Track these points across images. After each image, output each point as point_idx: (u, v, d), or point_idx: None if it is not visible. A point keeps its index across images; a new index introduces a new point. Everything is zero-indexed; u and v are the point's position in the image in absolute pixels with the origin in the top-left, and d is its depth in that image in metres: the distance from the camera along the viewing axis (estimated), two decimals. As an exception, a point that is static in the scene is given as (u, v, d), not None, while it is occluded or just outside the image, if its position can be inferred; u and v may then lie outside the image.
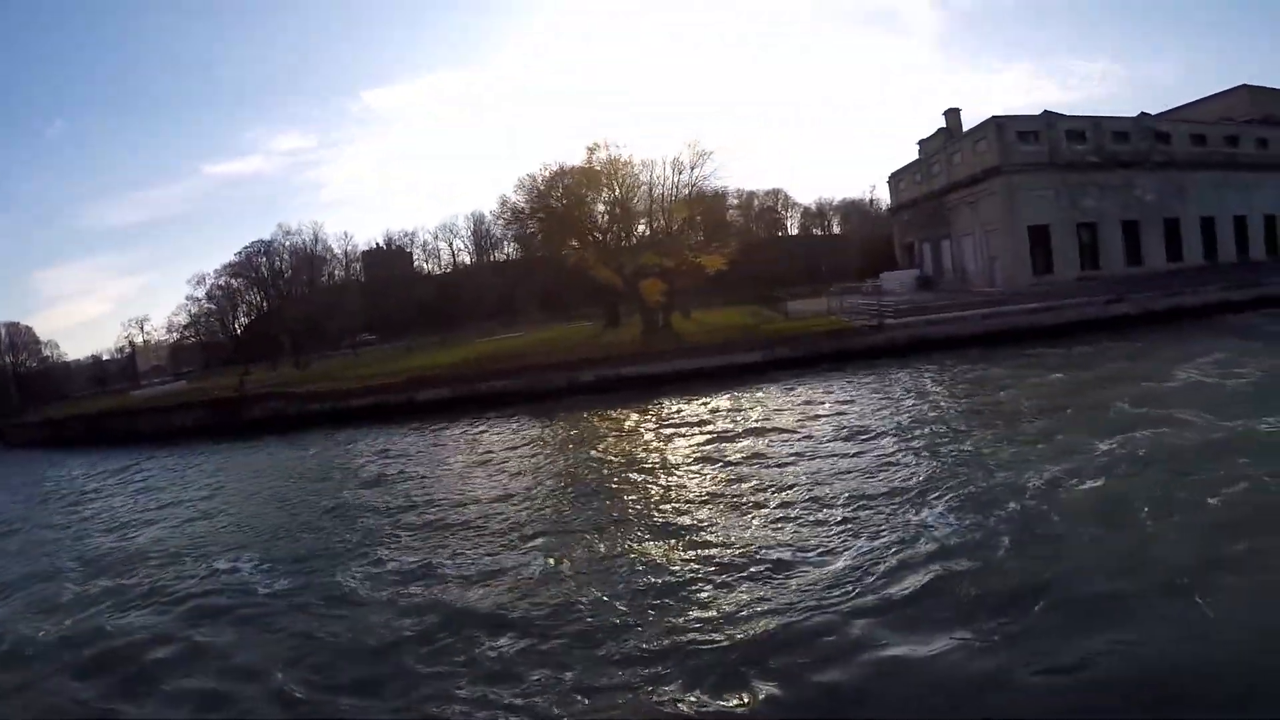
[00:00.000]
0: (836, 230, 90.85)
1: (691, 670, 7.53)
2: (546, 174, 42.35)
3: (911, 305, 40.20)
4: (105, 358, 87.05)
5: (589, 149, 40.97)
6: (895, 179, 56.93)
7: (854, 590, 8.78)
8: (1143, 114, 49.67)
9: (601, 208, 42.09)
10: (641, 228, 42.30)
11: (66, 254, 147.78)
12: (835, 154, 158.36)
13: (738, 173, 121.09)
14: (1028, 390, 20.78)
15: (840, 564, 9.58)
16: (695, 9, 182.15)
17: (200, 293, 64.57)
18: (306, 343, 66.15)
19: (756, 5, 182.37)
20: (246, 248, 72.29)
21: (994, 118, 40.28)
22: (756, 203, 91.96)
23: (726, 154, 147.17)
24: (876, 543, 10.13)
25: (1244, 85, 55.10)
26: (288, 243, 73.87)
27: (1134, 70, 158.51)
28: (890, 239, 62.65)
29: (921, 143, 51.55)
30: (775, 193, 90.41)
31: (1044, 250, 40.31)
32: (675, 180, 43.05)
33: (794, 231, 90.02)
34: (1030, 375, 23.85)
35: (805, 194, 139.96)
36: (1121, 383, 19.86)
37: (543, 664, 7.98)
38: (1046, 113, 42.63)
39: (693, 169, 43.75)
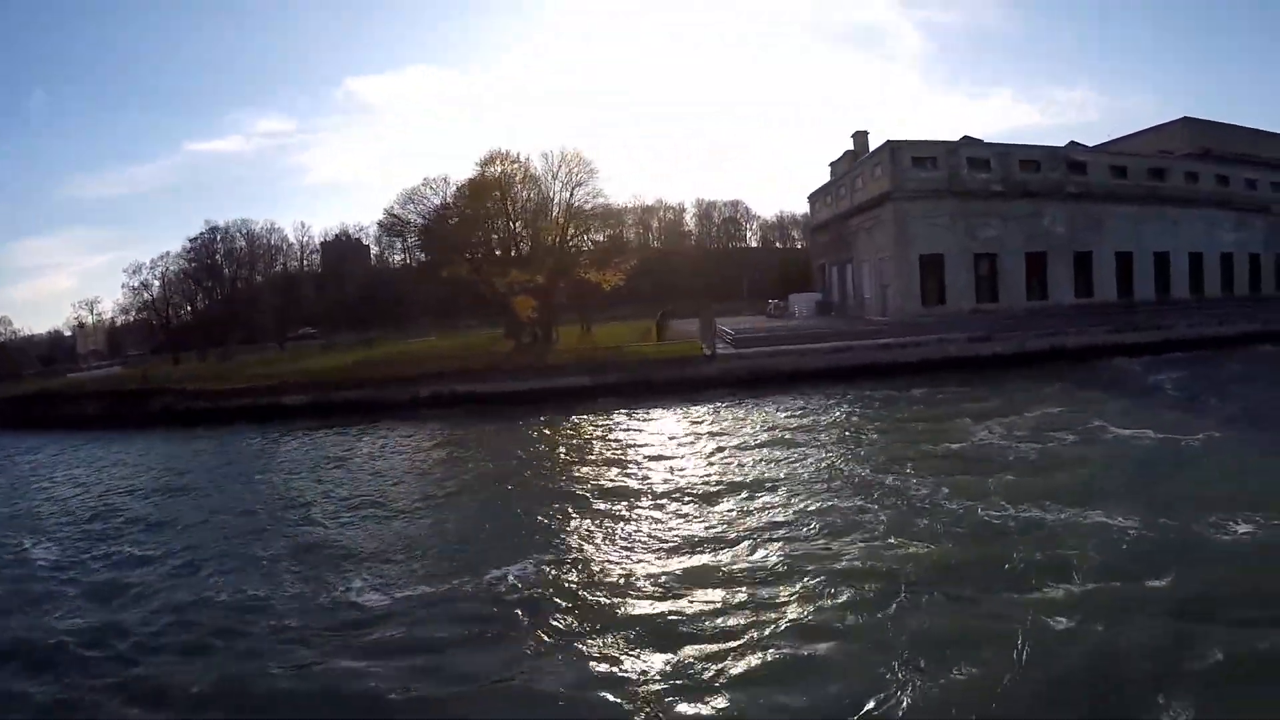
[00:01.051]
0: (799, 245, 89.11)
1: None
2: (434, 188, 41.68)
3: (789, 331, 38.85)
4: (68, 333, 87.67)
5: (482, 163, 40.21)
6: (813, 199, 55.26)
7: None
8: (1072, 143, 47.80)
9: (491, 222, 41.12)
10: (525, 244, 41.09)
11: (38, 226, 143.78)
12: (813, 168, 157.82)
13: (699, 183, 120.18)
14: (795, 434, 19.76)
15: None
16: (688, 13, 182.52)
17: (136, 281, 64.18)
18: (234, 335, 65.70)
19: (746, 17, 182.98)
20: (200, 234, 72.10)
21: (889, 142, 38.62)
22: (716, 214, 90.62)
23: (673, 163, 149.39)
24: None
25: (1183, 118, 52.83)
26: (244, 230, 73.64)
27: (1114, 99, 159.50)
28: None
29: (832, 164, 49.90)
30: (735, 204, 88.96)
31: (936, 281, 38.59)
32: (563, 196, 42.18)
33: (753, 244, 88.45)
34: (823, 416, 22.96)
35: (782, 206, 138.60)
36: (901, 435, 19.18)
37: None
38: (966, 139, 41.06)
39: (578, 186, 42.88)
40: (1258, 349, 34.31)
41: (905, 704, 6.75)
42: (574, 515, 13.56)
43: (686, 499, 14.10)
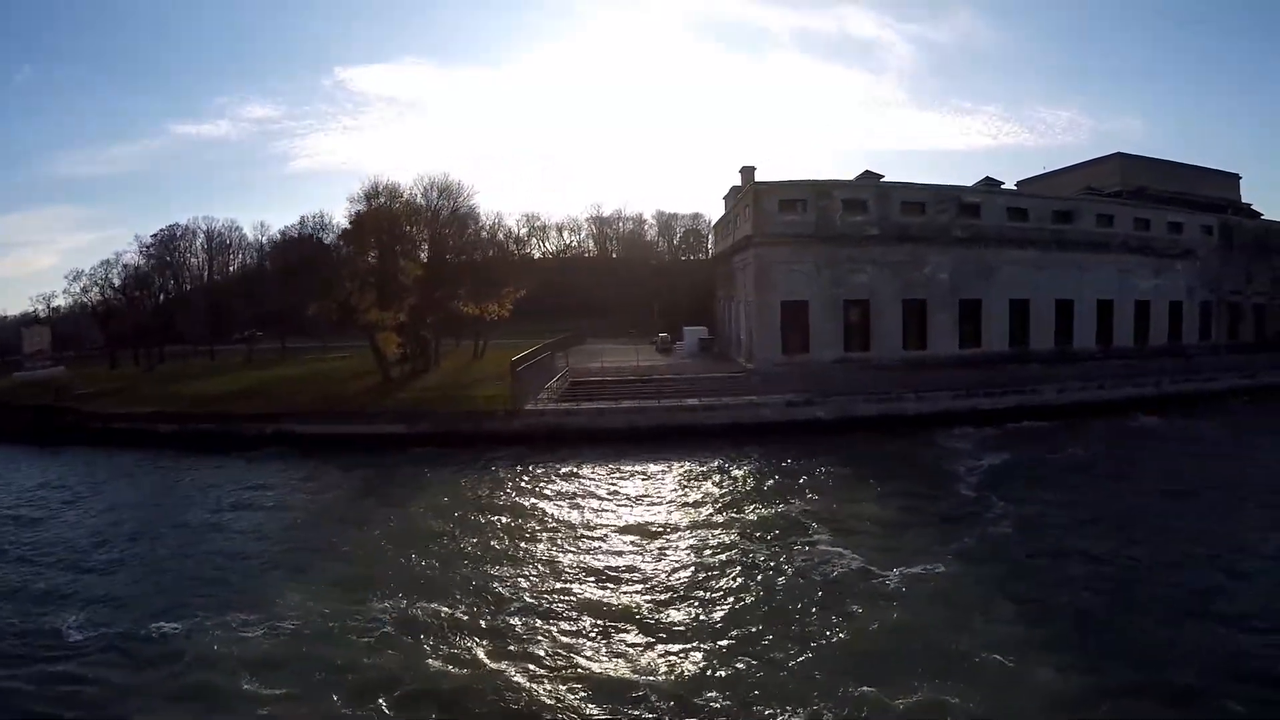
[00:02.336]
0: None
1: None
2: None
3: (643, 373, 37.43)
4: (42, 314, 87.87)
5: (364, 197, 39.74)
6: (715, 229, 53.38)
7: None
8: (987, 178, 45.44)
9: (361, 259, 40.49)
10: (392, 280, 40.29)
11: (16, 202, 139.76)
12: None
13: (658, 195, 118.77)
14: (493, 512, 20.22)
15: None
16: (675, 20, 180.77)
17: (77, 286, 64.25)
18: (163, 340, 65.78)
19: (739, 27, 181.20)
20: (160, 231, 71.79)
21: (753, 184, 36.74)
22: (678, 224, 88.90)
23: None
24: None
25: (1117, 153, 50.02)
26: (205, 227, 73.59)
27: (1101, 121, 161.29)
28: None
29: (725, 197, 47.98)
30: (695, 216, 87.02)
31: (800, 328, 36.74)
32: (434, 230, 41.47)
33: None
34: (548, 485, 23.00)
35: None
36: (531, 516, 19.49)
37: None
38: (857, 180, 39.09)
39: (454, 215, 42.06)
40: (1133, 419, 31.90)
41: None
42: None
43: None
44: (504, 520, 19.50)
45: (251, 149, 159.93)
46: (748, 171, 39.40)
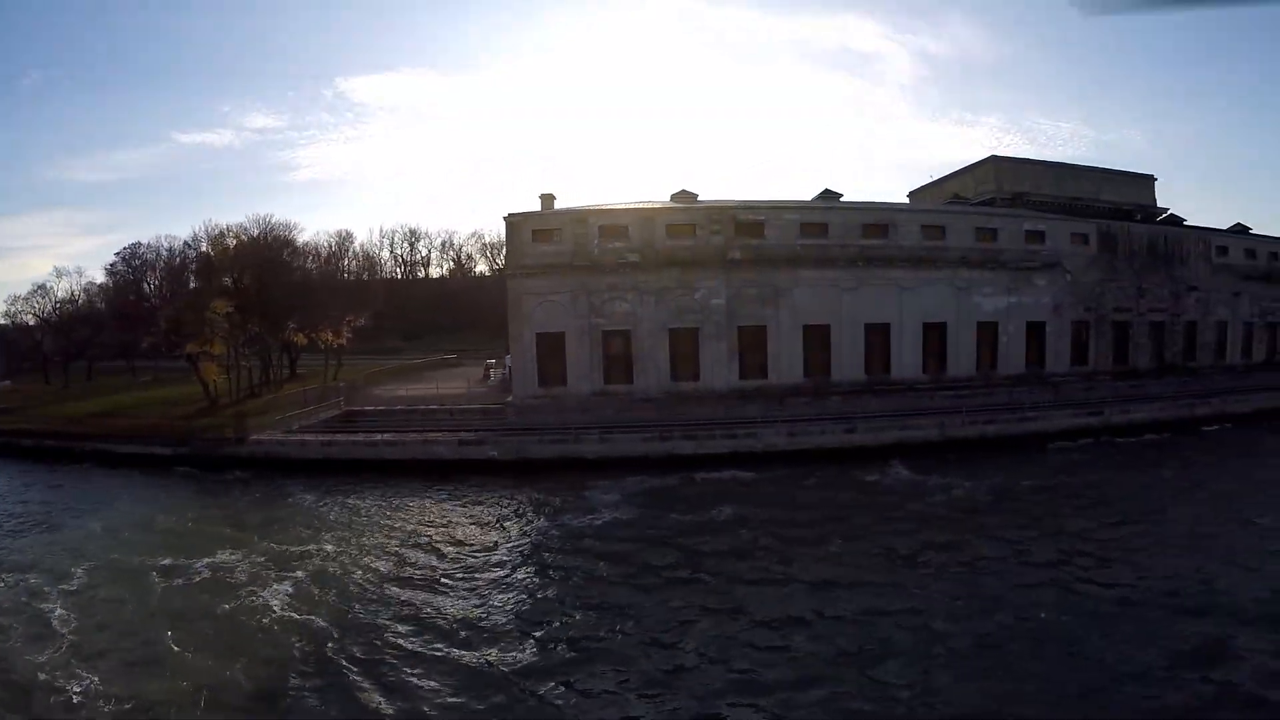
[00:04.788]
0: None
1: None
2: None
3: (404, 404, 37.48)
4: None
5: (214, 237, 42.69)
6: None
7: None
8: (825, 190, 42.22)
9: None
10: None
11: (25, 206, 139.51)
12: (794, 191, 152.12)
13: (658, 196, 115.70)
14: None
15: None
16: (676, 28, 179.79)
17: (36, 303, 64.41)
18: (73, 357, 64.99)
19: (739, 36, 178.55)
20: (124, 249, 75.07)
21: (507, 215, 35.81)
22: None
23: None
24: None
25: (991, 156, 45.05)
26: (166, 246, 78.48)
27: (1103, 133, 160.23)
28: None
29: None
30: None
31: (558, 360, 35.34)
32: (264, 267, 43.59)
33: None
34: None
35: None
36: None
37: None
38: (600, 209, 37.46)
39: (278, 252, 43.96)
40: (887, 469, 27.94)
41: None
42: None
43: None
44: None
45: (254, 158, 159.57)
46: (547, 198, 38.52)
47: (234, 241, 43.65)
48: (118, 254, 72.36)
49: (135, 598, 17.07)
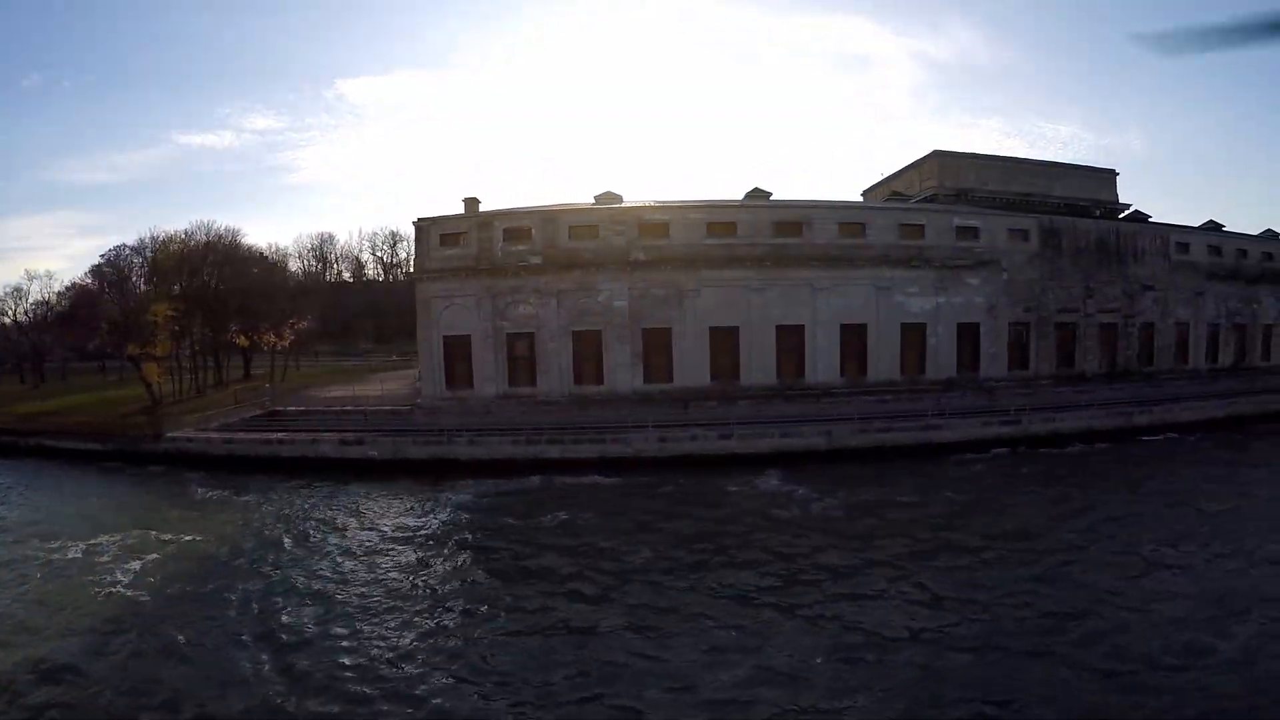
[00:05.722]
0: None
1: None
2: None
3: (324, 405, 38.60)
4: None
5: (159, 244, 45.37)
6: None
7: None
8: (755, 188, 41.22)
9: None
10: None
11: (26, 207, 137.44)
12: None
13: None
14: None
15: None
16: (673, 26, 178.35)
17: (10, 305, 65.28)
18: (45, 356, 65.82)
19: (740, 37, 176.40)
20: (110, 250, 73.79)
21: (416, 220, 36.49)
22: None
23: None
24: None
25: (934, 151, 42.81)
26: (151, 248, 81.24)
27: (1102, 136, 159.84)
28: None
29: None
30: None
31: (465, 363, 35.72)
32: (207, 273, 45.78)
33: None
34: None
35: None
36: None
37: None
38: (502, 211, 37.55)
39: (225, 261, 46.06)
40: (757, 480, 26.77)
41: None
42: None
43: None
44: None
45: (255, 159, 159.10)
46: (471, 203, 39.11)
47: (177, 248, 45.80)
48: (102, 255, 69.28)
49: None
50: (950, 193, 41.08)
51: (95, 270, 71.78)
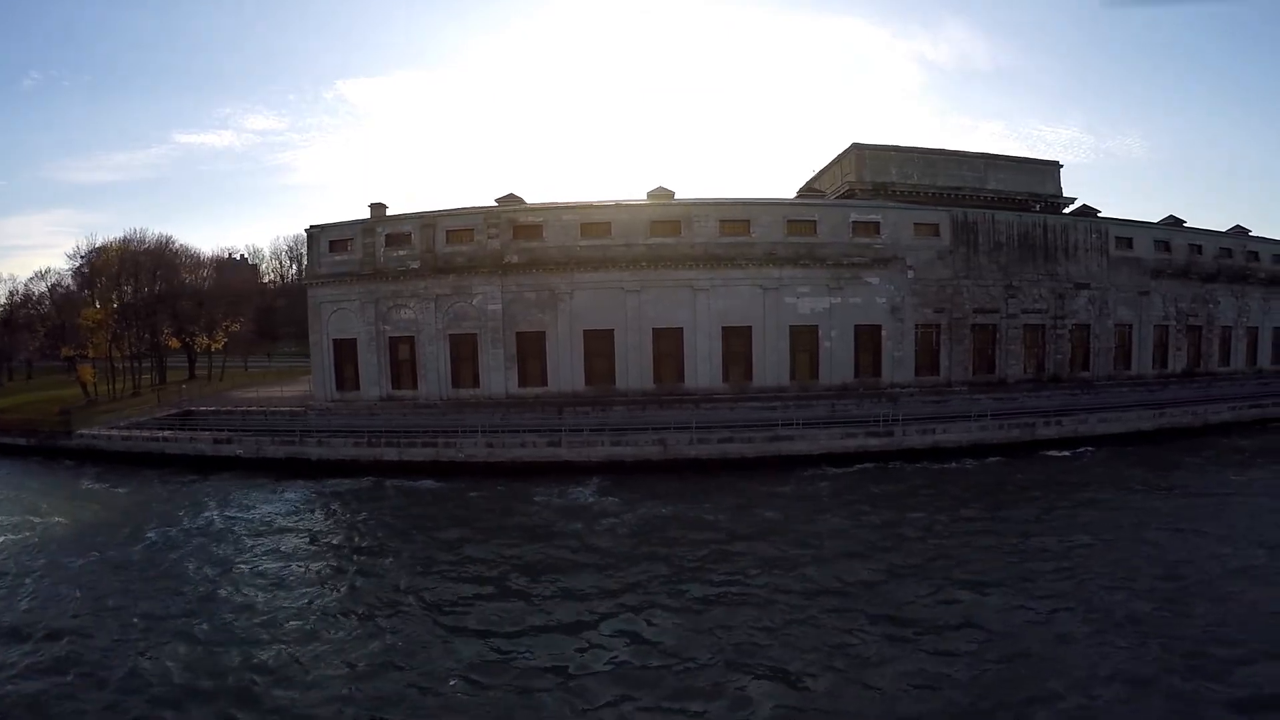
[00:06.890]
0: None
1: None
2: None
3: (236, 406, 40.44)
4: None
5: (95, 251, 49.53)
6: None
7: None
8: (660, 188, 40.07)
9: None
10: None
11: (26, 205, 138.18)
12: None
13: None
14: None
15: None
16: (673, 28, 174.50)
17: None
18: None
19: (737, 35, 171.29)
20: (90, 249, 77.62)
21: (310, 227, 37.76)
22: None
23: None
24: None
25: (853, 144, 39.92)
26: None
27: (1102, 139, 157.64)
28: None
29: None
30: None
31: (352, 366, 36.69)
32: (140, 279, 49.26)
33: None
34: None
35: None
36: None
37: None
38: (406, 218, 37.91)
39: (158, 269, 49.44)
40: (572, 490, 26.18)
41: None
42: None
43: None
44: None
45: (255, 159, 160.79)
46: (377, 207, 40.23)
47: (111, 257, 49.12)
48: (84, 256, 67.13)
49: None
50: (868, 187, 38.22)
51: (77, 271, 75.51)
